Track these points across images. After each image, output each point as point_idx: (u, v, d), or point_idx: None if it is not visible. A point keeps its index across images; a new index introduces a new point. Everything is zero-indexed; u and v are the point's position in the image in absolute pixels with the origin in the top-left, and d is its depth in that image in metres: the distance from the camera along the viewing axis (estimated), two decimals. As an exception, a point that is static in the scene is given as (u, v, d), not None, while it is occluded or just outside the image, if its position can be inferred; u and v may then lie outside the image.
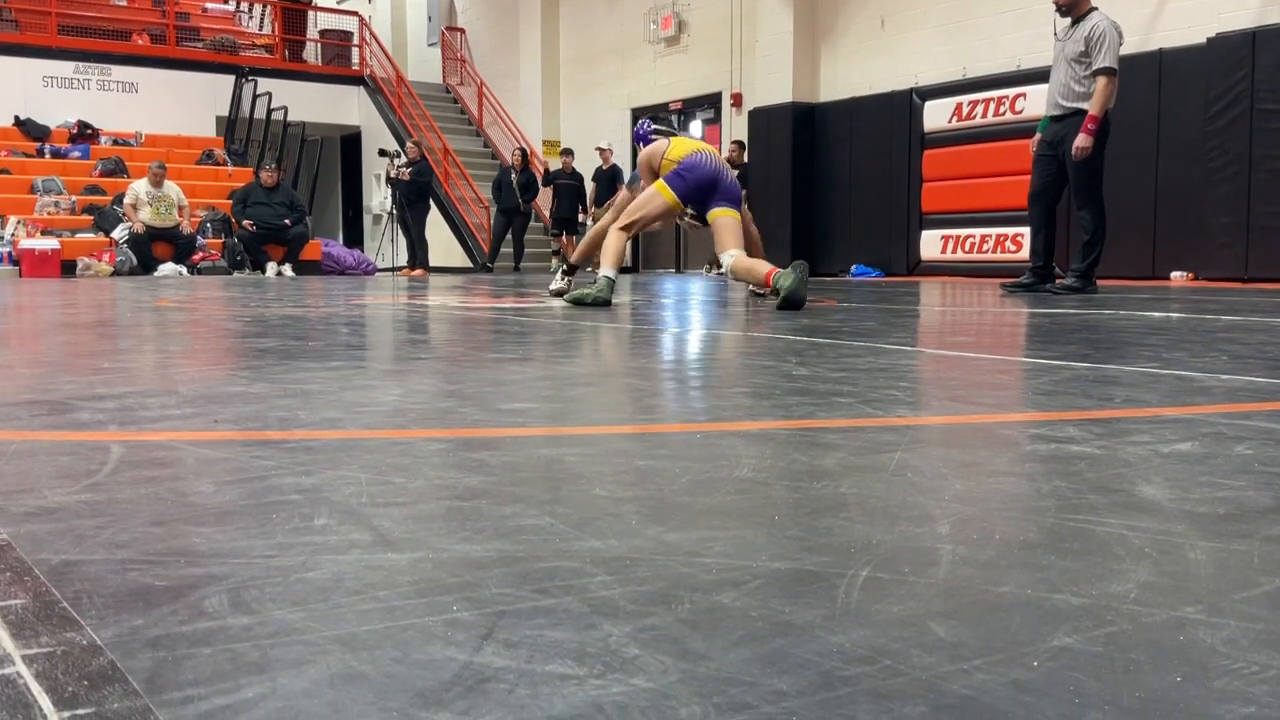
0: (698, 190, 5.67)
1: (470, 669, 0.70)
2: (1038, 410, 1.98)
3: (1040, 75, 10.45)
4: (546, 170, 15.37)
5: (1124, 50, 9.81)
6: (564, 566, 0.93)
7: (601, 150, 14.51)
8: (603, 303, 5.43)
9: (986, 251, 11.10)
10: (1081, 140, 6.44)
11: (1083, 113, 6.51)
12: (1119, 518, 1.10)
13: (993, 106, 10.93)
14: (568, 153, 15.08)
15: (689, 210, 5.83)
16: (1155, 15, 9.60)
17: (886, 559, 0.95)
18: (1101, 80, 6.41)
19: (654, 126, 6.29)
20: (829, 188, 12.74)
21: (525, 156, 15.19)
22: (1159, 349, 2.97)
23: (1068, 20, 6.64)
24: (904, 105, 11.77)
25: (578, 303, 5.54)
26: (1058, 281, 6.78)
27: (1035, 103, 10.53)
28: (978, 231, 11.17)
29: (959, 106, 11.25)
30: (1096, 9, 6.61)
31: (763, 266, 5.29)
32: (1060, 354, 2.93)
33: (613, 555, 0.97)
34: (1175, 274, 9.37)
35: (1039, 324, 4.29)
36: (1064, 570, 0.92)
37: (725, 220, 5.63)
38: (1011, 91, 10.74)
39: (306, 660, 0.72)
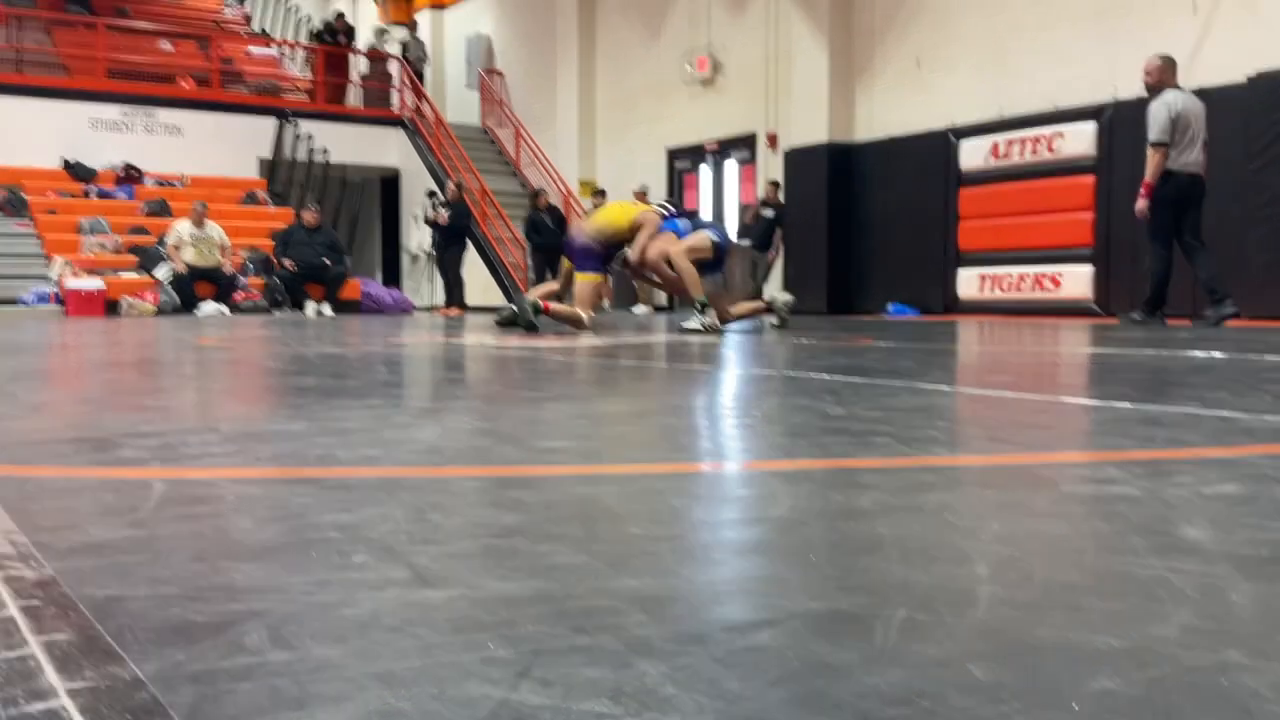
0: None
1: (506, 706, 0.70)
2: (1078, 450, 1.96)
3: (1076, 115, 10.44)
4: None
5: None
6: (600, 605, 0.93)
7: (637, 194, 14.56)
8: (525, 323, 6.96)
9: (1024, 290, 11.03)
10: (1138, 204, 7.53)
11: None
12: (1160, 559, 1.08)
13: (1029, 146, 10.90)
14: (600, 194, 15.06)
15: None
16: (1195, 54, 9.56)
17: (924, 600, 0.95)
18: (1148, 152, 7.47)
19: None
20: (865, 227, 12.72)
21: (537, 196, 14.93)
22: (1201, 389, 2.94)
23: None
24: (940, 145, 11.76)
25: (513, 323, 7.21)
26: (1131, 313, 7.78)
27: (1072, 142, 10.51)
28: (1015, 270, 11.10)
29: (995, 146, 11.22)
30: (1170, 89, 7.49)
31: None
32: (1101, 394, 2.91)
33: (648, 594, 0.97)
34: (1216, 313, 9.25)
35: (1080, 364, 4.26)
36: (1104, 612, 0.91)
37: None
38: (1049, 130, 10.71)
39: (345, 696, 0.72)
